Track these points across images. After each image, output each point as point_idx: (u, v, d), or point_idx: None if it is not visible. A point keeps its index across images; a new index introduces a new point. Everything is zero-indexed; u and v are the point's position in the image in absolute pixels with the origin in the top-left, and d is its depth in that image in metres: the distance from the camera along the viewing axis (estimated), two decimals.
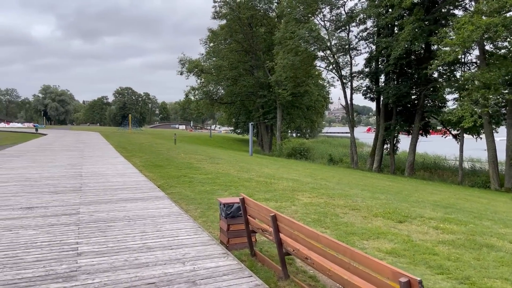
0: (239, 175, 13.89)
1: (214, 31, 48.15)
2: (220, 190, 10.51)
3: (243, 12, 42.22)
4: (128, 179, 11.03)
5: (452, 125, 27.49)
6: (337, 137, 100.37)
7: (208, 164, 17.23)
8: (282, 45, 32.06)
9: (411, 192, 13.21)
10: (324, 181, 14.39)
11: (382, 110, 31.29)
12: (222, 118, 75.70)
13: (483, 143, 27.43)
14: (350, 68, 33.13)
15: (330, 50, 31.75)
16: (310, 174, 16.81)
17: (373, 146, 32.88)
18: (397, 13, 25.50)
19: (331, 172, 19.64)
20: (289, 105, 43.77)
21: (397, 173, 30.49)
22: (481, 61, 20.86)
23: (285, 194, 10.03)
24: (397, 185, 15.65)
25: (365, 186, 13.74)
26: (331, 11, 33.17)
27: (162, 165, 16.16)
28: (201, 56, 49.03)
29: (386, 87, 29.01)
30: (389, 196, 10.97)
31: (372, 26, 32.64)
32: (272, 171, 16.58)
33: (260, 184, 11.72)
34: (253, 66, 45.24)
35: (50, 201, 7.71)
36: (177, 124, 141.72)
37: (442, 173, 28.79)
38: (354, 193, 10.86)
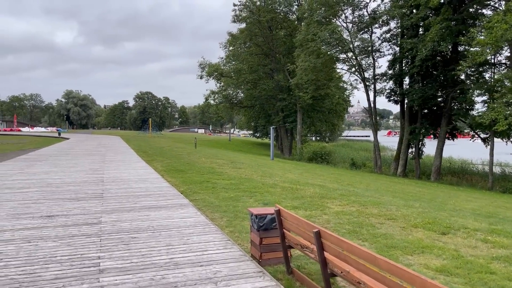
0: (262, 180, 13.46)
1: (233, 34, 47.97)
2: (245, 197, 10.09)
3: (263, 15, 41.88)
4: (150, 185, 10.70)
5: (482, 128, 26.48)
6: (357, 140, 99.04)
7: (230, 168, 16.85)
8: (303, 47, 31.54)
9: (445, 199, 12.53)
10: (352, 187, 13.82)
11: (406, 113, 30.44)
12: (241, 122, 75.45)
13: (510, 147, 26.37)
14: (373, 71, 32.39)
15: (353, 52, 31.08)
16: (335, 179, 16.25)
17: (397, 150, 32.01)
18: (423, 13, 24.72)
19: (356, 177, 19.00)
20: (309, 108, 43.13)
21: (423, 178, 29.55)
22: (511, 61, 19.96)
23: (314, 202, 9.53)
24: (427, 191, 14.94)
25: (395, 192, 13.12)
26: (354, 12, 32.53)
27: (184, 169, 15.85)
28: (221, 59, 48.94)
29: (411, 90, 28.18)
30: (424, 204, 10.35)
31: (395, 27, 31.89)
32: (296, 176, 16.09)
33: (285, 191, 11.25)
34: (273, 69, 44.82)
35: (71, 208, 7.40)
36: (196, 128, 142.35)
37: (470, 178, 27.73)
38: (386, 201, 10.28)
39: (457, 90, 27.27)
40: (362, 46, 31.18)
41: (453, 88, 27.59)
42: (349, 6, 31.86)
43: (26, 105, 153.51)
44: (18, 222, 6.30)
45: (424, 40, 23.99)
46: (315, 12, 30.30)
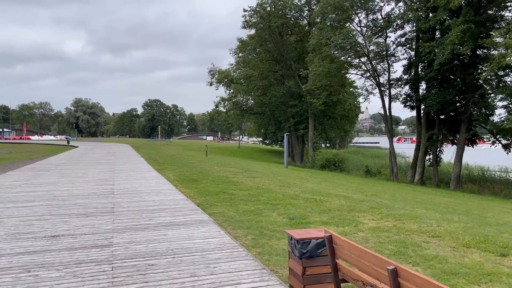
0: (282, 191, 12.63)
1: (243, 40, 47.41)
2: (267, 210, 9.27)
3: (273, 21, 41.26)
4: (164, 197, 9.92)
5: (504, 134, 25.45)
6: (367, 147, 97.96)
7: (245, 177, 16.05)
8: (316, 52, 30.78)
9: (480, 211, 11.58)
10: (377, 197, 12.93)
11: (423, 119, 29.45)
12: (251, 129, 74.77)
13: None
14: (388, 75, 31.49)
15: (367, 57, 30.24)
16: (358, 189, 15.35)
17: (414, 157, 30.96)
18: (441, 16, 23.85)
19: (378, 186, 18.07)
20: (321, 114, 42.31)
21: (441, 185, 28.48)
22: None
23: (343, 216, 8.68)
24: (456, 201, 13.98)
25: (425, 203, 12.20)
26: (367, 16, 31.73)
27: (197, 179, 15.09)
28: (231, 66, 48.39)
29: (429, 94, 27.19)
30: (463, 218, 9.44)
31: (411, 31, 31.04)
32: (315, 185, 15.23)
33: (309, 202, 10.41)
34: (284, 75, 44.12)
35: (79, 226, 6.63)
36: (205, 136, 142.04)
37: (492, 186, 26.58)
38: (421, 214, 9.38)
39: (477, 95, 26.27)
40: (377, 51, 30.34)
41: (473, 93, 26.60)
42: (363, 9, 31.09)
43: (35, 113, 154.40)
44: (18, 244, 5.54)
45: (443, 43, 23.08)
46: (328, 16, 29.57)
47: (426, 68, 28.75)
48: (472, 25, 21.53)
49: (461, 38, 21.89)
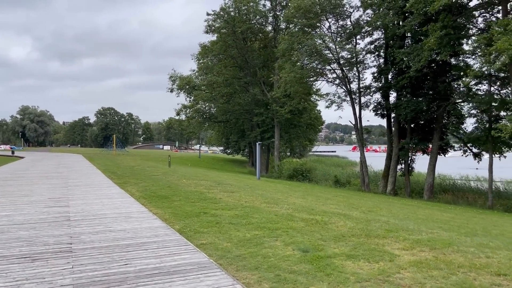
0: (270, 209, 10.86)
1: (205, 46, 45.48)
2: (267, 238, 7.46)
3: (238, 26, 39.73)
4: (138, 224, 7.85)
5: (475, 143, 25.17)
6: (326, 156, 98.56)
7: (222, 193, 14.14)
8: (286, 57, 29.48)
9: (494, 228, 10.35)
10: (377, 214, 11.46)
11: (395, 127, 28.79)
12: (212, 138, 72.63)
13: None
14: (358, 83, 30.72)
15: (338, 63, 29.28)
16: (348, 204, 13.86)
17: (385, 167, 30.24)
18: (416, 21, 23.20)
19: (363, 199, 16.71)
20: (287, 123, 41.08)
21: (414, 196, 27.84)
22: None
23: (365, 245, 7.04)
24: (458, 216, 12.80)
25: (434, 221, 10.85)
26: (337, 21, 30.87)
27: (167, 195, 13.02)
28: (193, 72, 46.30)
29: (402, 102, 26.51)
30: (495, 241, 8.07)
31: (379, 39, 30.47)
32: (302, 201, 13.58)
33: (311, 225, 8.72)
34: (249, 82, 42.58)
35: (21, 280, 4.52)
36: (162, 145, 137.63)
37: (465, 196, 26.18)
38: (449, 238, 7.92)
39: (451, 104, 25.92)
40: (348, 57, 29.49)
41: (445, 101, 26.25)
42: (332, 15, 30.20)
43: None
44: None
45: (420, 49, 22.39)
46: (298, 20, 28.36)
47: (396, 76, 28.18)
48: (451, 30, 20.94)
49: (439, 44, 21.24)
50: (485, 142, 23.40)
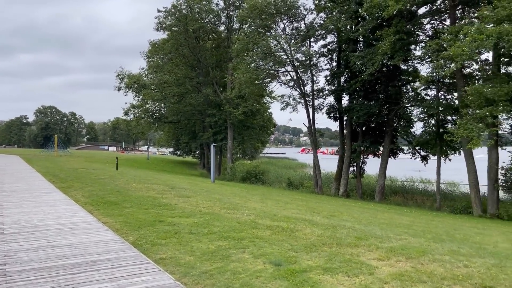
0: (231, 216, 10.22)
1: (156, 44, 43.92)
2: (233, 250, 6.83)
3: (190, 24, 38.68)
4: (86, 237, 6.90)
5: (422, 146, 25.96)
6: (276, 158, 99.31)
7: (176, 198, 13.28)
8: (241, 57, 28.94)
9: (462, 233, 10.35)
10: (340, 219, 11.15)
11: (348, 130, 29.12)
12: (161, 139, 70.57)
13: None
14: (312, 86, 30.79)
15: (293, 65, 29.16)
16: (308, 208, 13.48)
17: (338, 169, 30.49)
18: (370, 25, 23.51)
19: (321, 203, 16.47)
20: (240, 125, 40.55)
21: (365, 198, 28.28)
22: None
23: (339, 255, 6.59)
24: (416, 220, 12.81)
25: (394, 226, 10.69)
26: (292, 23, 30.77)
27: (117, 201, 12.00)
28: (142, 70, 44.56)
29: (355, 106, 26.81)
30: (465, 247, 7.94)
31: (332, 42, 30.73)
32: (262, 205, 13.04)
33: (278, 234, 8.18)
34: (201, 82, 41.57)
35: None
36: (107, 146, 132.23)
37: (414, 197, 26.93)
38: (421, 245, 7.67)
39: (401, 108, 26.58)
40: (302, 59, 29.46)
41: (396, 105, 26.89)
42: (286, 16, 30.04)
43: None
44: None
45: (374, 53, 22.67)
46: (253, 20, 27.91)
47: (349, 79, 28.51)
48: (404, 35, 21.37)
49: (392, 48, 21.58)
50: (434, 145, 24.12)
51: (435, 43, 18.64)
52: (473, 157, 22.52)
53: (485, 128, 16.20)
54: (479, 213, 21.36)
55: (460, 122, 17.10)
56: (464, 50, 15.24)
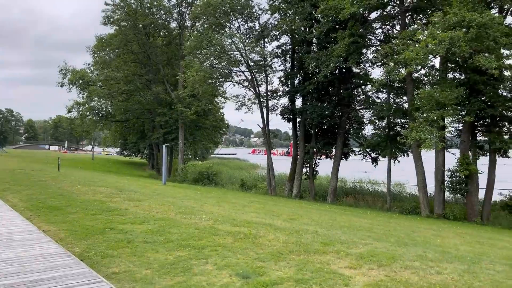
0: (188, 221, 9.59)
1: (103, 38, 41.85)
2: (195, 261, 6.24)
3: (140, 19, 37.22)
4: (24, 250, 6.00)
5: (376, 148, 26.45)
6: (227, 158, 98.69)
7: (127, 201, 12.40)
8: (194, 55, 28.12)
9: (421, 235, 10.35)
10: (300, 223, 10.83)
11: (302, 132, 29.14)
12: (107, 138, 67.66)
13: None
14: (266, 87, 30.55)
15: (247, 65, 28.76)
16: (266, 211, 13.08)
17: (291, 170, 30.45)
18: (326, 27, 23.60)
19: (278, 205, 16.14)
20: (192, 124, 39.58)
21: (317, 199, 28.44)
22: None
23: (308, 264, 6.20)
24: (374, 222, 12.79)
25: (355, 229, 10.53)
26: (246, 22, 30.36)
27: (60, 206, 10.96)
28: (88, 66, 42.32)
29: (308, 107, 26.84)
30: (429, 251, 7.83)
31: (287, 43, 30.69)
32: (220, 209, 12.46)
33: (241, 241, 7.67)
34: (151, 80, 40.12)
35: None
36: (47, 145, 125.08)
37: (365, 199, 27.38)
38: (388, 251, 7.47)
39: (353, 110, 26.98)
40: (257, 59, 29.15)
41: (348, 107, 27.28)
42: (241, 15, 29.59)
43: None
44: None
45: (329, 55, 22.77)
46: (207, 18, 27.19)
47: (303, 81, 28.55)
48: (358, 38, 21.61)
49: (346, 51, 21.75)
50: (385, 147, 24.63)
51: (388, 46, 18.96)
52: (422, 159, 23.23)
53: (436, 131, 16.64)
54: (427, 214, 22.03)
55: (413, 125, 17.47)
56: (418, 54, 15.56)
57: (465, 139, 20.82)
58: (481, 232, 13.37)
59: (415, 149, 22.90)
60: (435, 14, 16.28)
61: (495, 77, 18.96)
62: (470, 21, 15.36)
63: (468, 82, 19.28)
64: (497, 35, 16.06)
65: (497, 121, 21.04)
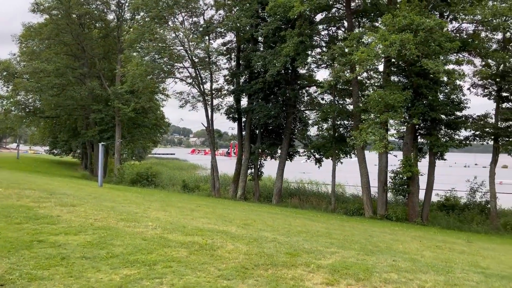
0: (132, 229, 8.47)
1: (31, 27, 38.43)
2: (148, 281, 5.24)
3: (74, 8, 34.56)
4: None
5: (321, 149, 26.50)
6: (166, 158, 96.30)
7: (59, 207, 10.89)
8: (134, 48, 26.44)
9: (379, 240, 10.01)
10: (256, 229, 10.06)
11: (247, 132, 28.51)
12: (35, 135, 62.75)
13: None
14: (211, 85, 29.52)
15: (192, 61, 27.57)
16: (217, 216, 12.15)
17: (236, 171, 29.73)
18: (274, 26, 23.13)
19: (228, 209, 15.26)
20: (130, 122, 37.51)
21: (262, 200, 27.99)
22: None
23: (281, 281, 5.44)
24: (330, 226, 12.35)
25: (314, 234, 9.97)
26: (191, 17, 29.17)
27: None
28: (13, 56, 38.67)
29: (255, 107, 26.27)
30: (397, 259, 7.41)
31: (233, 41, 29.96)
32: (165, 215, 11.35)
33: (198, 254, 6.74)
34: (85, 74, 37.44)
35: None
36: None
37: (310, 200, 27.32)
38: (359, 261, 6.93)
39: (299, 111, 26.84)
40: (202, 56, 28.08)
41: (294, 108, 27.12)
42: (185, 9, 28.35)
43: None
44: None
45: (277, 53, 22.33)
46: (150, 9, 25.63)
47: (249, 80, 27.96)
48: (307, 38, 21.36)
49: (295, 50, 21.41)
50: (329, 148, 24.69)
51: (338, 47, 18.84)
52: (365, 161, 23.51)
53: (385, 133, 16.73)
54: (370, 214, 22.31)
55: (363, 126, 17.44)
56: (369, 55, 15.48)
57: (408, 141, 21.31)
58: (431, 234, 13.48)
59: (360, 151, 23.15)
60: (385, 16, 16.31)
61: (435, 80, 19.66)
62: (419, 25, 15.56)
63: (412, 85, 19.72)
64: (442, 39, 16.47)
65: (436, 125, 21.79)
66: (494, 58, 19.63)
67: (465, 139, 22.24)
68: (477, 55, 20.66)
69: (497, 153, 21.62)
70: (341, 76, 18.27)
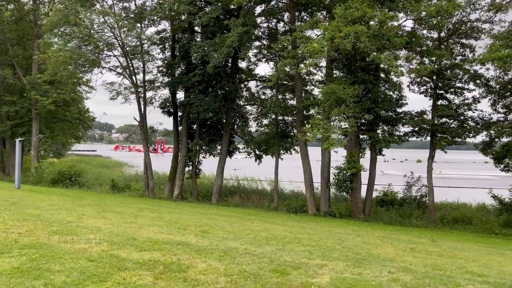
0: (72, 246, 6.79)
1: None
2: None
3: None
4: None
5: (263, 146, 25.69)
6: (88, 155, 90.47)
7: None
8: (56, 33, 23.50)
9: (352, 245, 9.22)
10: (215, 237, 8.76)
11: (184, 127, 26.76)
12: None
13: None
14: (143, 76, 27.26)
15: (123, 49, 25.19)
16: (165, 221, 10.57)
17: (172, 169, 27.80)
18: (216, 14, 21.70)
19: (174, 212, 13.62)
20: (49, 116, 33.84)
21: (200, 199, 26.53)
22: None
23: None
24: (291, 229, 11.36)
25: (282, 241, 8.91)
26: (121, 1, 26.68)
27: None
28: None
29: (195, 101, 24.60)
30: (388, 268, 6.58)
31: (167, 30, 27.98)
32: (106, 223, 9.60)
33: (167, 279, 5.38)
34: None
35: None
36: None
37: (252, 197, 26.36)
38: (352, 274, 5.98)
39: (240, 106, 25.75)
40: (134, 45, 25.78)
41: (234, 103, 25.98)
42: None
43: None
44: None
45: (219, 43, 20.98)
46: None
47: (186, 72, 26.25)
48: (252, 28, 20.27)
49: (239, 40, 20.22)
50: (273, 144, 23.93)
51: (287, 39, 17.98)
52: (308, 157, 23.06)
53: (337, 129, 16.23)
54: (314, 212, 21.89)
55: (313, 121, 16.76)
56: (323, 47, 14.80)
57: (352, 137, 21.14)
58: (388, 233, 13.09)
59: (303, 147, 22.62)
60: (337, 7, 15.72)
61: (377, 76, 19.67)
62: (371, 17, 15.18)
63: (356, 81, 19.52)
64: (391, 34, 16.30)
65: (378, 121, 21.90)
66: (432, 56, 20.04)
67: (404, 135, 22.62)
68: (417, 53, 21.03)
69: (434, 149, 22.24)
70: (291, 69, 17.44)
